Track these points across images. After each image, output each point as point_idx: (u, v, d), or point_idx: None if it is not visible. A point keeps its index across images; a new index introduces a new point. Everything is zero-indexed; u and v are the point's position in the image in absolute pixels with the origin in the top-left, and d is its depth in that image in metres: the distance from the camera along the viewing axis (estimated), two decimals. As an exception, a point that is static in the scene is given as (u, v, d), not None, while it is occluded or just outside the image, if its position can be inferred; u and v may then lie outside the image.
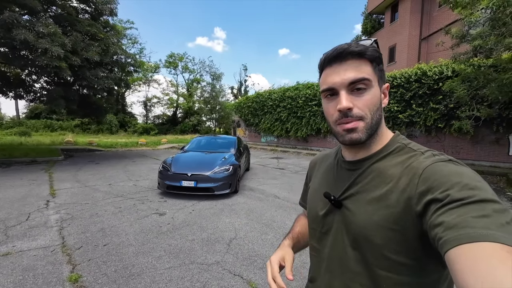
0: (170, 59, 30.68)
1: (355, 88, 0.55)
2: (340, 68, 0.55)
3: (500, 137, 8.18)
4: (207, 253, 2.79)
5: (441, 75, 8.77)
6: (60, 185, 5.73)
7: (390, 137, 0.61)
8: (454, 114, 8.50)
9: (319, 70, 0.62)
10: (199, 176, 4.83)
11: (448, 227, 0.39)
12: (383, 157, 0.58)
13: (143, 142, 15.99)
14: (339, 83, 0.55)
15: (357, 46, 0.55)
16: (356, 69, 0.54)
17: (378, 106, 0.56)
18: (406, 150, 0.57)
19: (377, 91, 0.57)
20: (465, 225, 0.38)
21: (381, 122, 0.59)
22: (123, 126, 28.01)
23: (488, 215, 0.38)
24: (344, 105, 0.54)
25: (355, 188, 0.59)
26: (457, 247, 0.37)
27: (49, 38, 6.60)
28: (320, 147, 14.07)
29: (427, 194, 0.46)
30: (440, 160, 0.50)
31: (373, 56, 0.56)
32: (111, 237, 3.11)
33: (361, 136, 0.55)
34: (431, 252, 0.47)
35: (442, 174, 0.46)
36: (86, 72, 8.02)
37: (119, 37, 9.34)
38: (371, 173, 0.57)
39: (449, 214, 0.40)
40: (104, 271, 2.38)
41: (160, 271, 2.40)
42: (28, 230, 3.27)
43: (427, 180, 0.47)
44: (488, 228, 0.37)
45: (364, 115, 0.55)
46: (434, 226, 0.42)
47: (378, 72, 0.57)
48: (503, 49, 5.08)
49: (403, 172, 0.53)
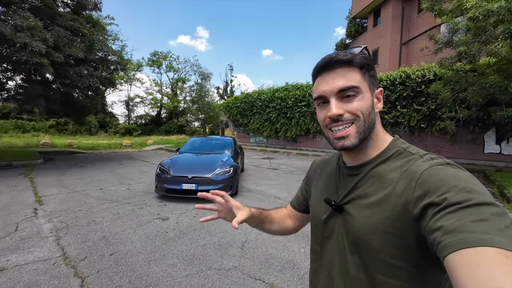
0: (153, 57, 29.71)
1: (345, 96, 0.56)
2: (329, 77, 0.57)
3: (476, 137, 8.84)
4: (222, 258, 2.72)
5: (423, 78, 9.28)
6: (45, 191, 5.32)
7: (389, 141, 0.62)
8: (435, 115, 9.05)
9: (312, 79, 0.63)
10: (200, 178, 4.71)
11: (447, 232, 0.39)
12: (383, 161, 0.58)
13: (128, 144, 15.33)
14: (328, 91, 0.56)
15: (345, 54, 0.56)
16: (344, 77, 0.55)
17: (370, 111, 0.57)
18: (405, 154, 0.57)
19: (368, 97, 0.57)
20: (464, 229, 0.38)
21: (375, 127, 0.59)
22: (103, 126, 26.71)
23: (486, 219, 0.38)
24: (334, 112, 0.55)
25: (355, 192, 0.59)
26: (456, 252, 0.37)
27: (28, 32, 6.09)
28: (309, 147, 14.33)
29: (424, 198, 0.46)
30: (437, 164, 0.50)
31: (361, 63, 0.56)
32: (116, 246, 2.94)
33: (353, 141, 0.56)
34: (430, 257, 0.47)
35: (439, 177, 0.46)
36: (69, 70, 7.50)
37: (104, 34, 8.85)
38: (371, 178, 0.58)
39: (447, 219, 0.40)
40: (117, 283, 2.24)
41: (178, 280, 2.31)
42: (20, 242, 3.00)
43: (424, 184, 0.47)
44: (487, 233, 0.37)
45: (356, 118, 0.55)
46: (433, 230, 0.41)
47: (368, 78, 0.58)
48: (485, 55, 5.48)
49: (401, 176, 0.53)
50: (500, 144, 8.52)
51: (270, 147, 16.10)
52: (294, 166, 9.54)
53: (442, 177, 0.46)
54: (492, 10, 4.45)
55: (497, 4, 4.40)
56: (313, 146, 14.15)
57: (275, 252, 2.86)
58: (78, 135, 23.17)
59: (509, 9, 4.37)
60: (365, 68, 0.57)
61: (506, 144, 8.41)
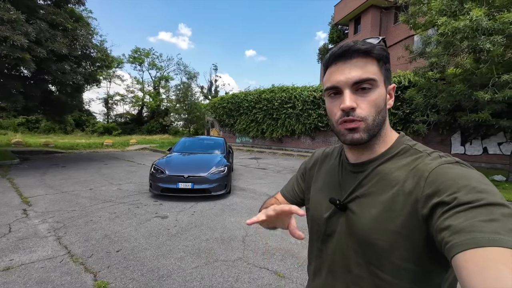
0: (135, 54, 28.72)
1: (360, 88, 0.53)
2: (345, 67, 0.54)
3: (444, 138, 9.77)
4: (226, 251, 2.91)
5: (399, 85, 10.06)
6: (30, 192, 5.11)
7: (395, 138, 0.60)
8: (409, 119, 9.86)
9: (324, 67, 0.59)
10: (196, 177, 4.82)
11: (455, 231, 0.39)
12: (388, 159, 0.57)
13: (109, 143, 14.77)
14: (343, 82, 0.53)
15: (364, 44, 0.54)
16: (362, 68, 0.53)
17: (382, 107, 0.55)
18: (411, 152, 0.56)
19: (383, 92, 0.55)
20: (473, 229, 0.37)
21: (384, 124, 0.57)
22: (80, 125, 25.35)
23: (496, 219, 0.38)
24: (348, 104, 0.52)
25: (360, 190, 0.58)
26: (465, 252, 0.36)
27: (9, 25, 5.78)
28: (294, 147, 14.80)
29: (433, 197, 0.45)
30: (446, 162, 0.49)
31: (380, 54, 0.54)
32: (120, 243, 3.00)
33: (362, 136, 0.54)
34: (436, 256, 0.47)
35: (449, 176, 0.46)
36: (51, 66, 7.18)
37: (88, 29, 8.53)
38: (376, 176, 0.56)
39: (456, 218, 0.40)
40: (130, 276, 2.34)
41: (189, 271, 2.46)
42: (19, 242, 2.95)
43: (434, 183, 0.46)
44: (497, 233, 0.36)
45: (367, 116, 0.53)
46: (441, 229, 0.41)
47: (384, 72, 0.56)
48: (453, 66, 6.17)
49: (408, 174, 0.51)
50: (464, 146, 9.50)
51: (256, 147, 16.37)
52: (281, 165, 9.87)
53: (452, 176, 0.45)
54: (459, 28, 5.07)
55: (463, 23, 5.02)
56: (298, 146, 14.64)
57: (275, 244, 3.10)
58: (52, 133, 21.79)
59: (472, 28, 5.01)
60: (383, 60, 0.55)
61: (469, 146, 9.41)
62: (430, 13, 6.47)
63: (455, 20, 5.20)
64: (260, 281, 2.34)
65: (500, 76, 5.33)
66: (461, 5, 5.61)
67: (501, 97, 5.26)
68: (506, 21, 4.90)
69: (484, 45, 4.95)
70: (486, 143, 9.11)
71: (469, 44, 5.23)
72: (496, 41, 4.89)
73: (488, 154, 9.04)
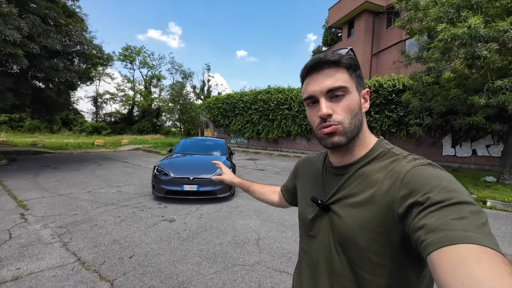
0: (125, 52, 27.95)
1: (334, 95, 0.57)
2: (318, 77, 0.58)
3: (436, 140, 10.12)
4: (242, 254, 2.87)
5: (394, 88, 10.33)
6: (24, 195, 4.86)
7: (374, 142, 0.63)
8: (403, 121, 10.14)
9: (301, 80, 0.64)
10: (201, 179, 4.74)
11: (430, 230, 0.40)
12: (369, 162, 0.59)
13: (101, 143, 14.31)
14: (318, 92, 0.58)
15: (333, 55, 0.58)
16: (333, 78, 0.57)
17: (357, 111, 0.58)
18: (389, 155, 0.59)
19: (356, 97, 0.59)
20: (445, 227, 0.39)
21: (362, 127, 0.60)
22: (67, 124, 24.40)
23: (465, 217, 0.40)
24: (324, 111, 0.56)
25: (342, 192, 0.60)
26: (439, 250, 0.38)
27: (1, 19, 5.47)
28: (290, 148, 14.88)
29: (408, 197, 0.47)
30: (420, 164, 0.52)
31: (348, 63, 0.58)
32: (131, 248, 2.90)
33: (340, 139, 0.57)
34: (411, 254, 0.49)
35: (423, 177, 0.48)
36: (44, 63, 6.86)
37: (82, 26, 8.22)
38: (357, 178, 0.59)
39: (430, 217, 0.42)
40: (149, 283, 2.27)
41: (209, 277, 2.41)
42: (23, 249, 2.79)
43: (409, 184, 0.49)
44: (466, 230, 0.38)
45: (342, 119, 0.57)
46: (417, 229, 0.43)
47: (355, 79, 0.59)
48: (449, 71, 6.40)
49: (386, 176, 0.54)
50: (455, 148, 9.88)
51: (251, 148, 16.33)
52: (279, 167, 9.89)
53: (425, 177, 0.48)
54: (458, 34, 5.26)
55: (461, 30, 5.21)
56: (293, 147, 14.72)
57: (289, 247, 3.09)
58: (37, 132, 20.87)
59: (470, 35, 5.21)
60: (352, 68, 0.59)
61: (459, 148, 9.79)
62: (426, 20, 6.69)
63: (453, 27, 5.38)
64: (283, 285, 2.32)
65: (494, 82, 5.57)
66: (458, 13, 5.83)
67: (495, 102, 5.49)
68: (501, 29, 5.13)
69: (481, 52, 5.16)
70: (475, 145, 9.50)
71: (467, 50, 5.43)
72: (492, 48, 5.11)
73: (477, 156, 9.43)
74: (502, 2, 5.39)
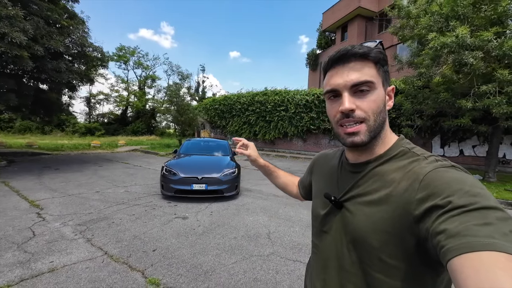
0: (119, 52, 27.70)
1: (359, 90, 0.54)
2: (343, 70, 0.55)
3: (426, 142, 10.63)
4: (256, 247, 3.11)
5: (386, 91, 10.80)
6: (34, 195, 4.94)
7: (394, 140, 0.61)
8: (395, 123, 10.61)
9: (323, 72, 0.62)
10: (210, 179, 4.95)
11: (450, 235, 0.39)
12: (386, 161, 0.57)
13: (97, 144, 14.23)
14: (342, 85, 0.55)
15: (361, 47, 0.55)
16: (359, 71, 0.54)
17: (381, 109, 0.56)
18: (409, 155, 0.56)
19: (381, 93, 0.56)
20: (467, 233, 0.37)
21: (384, 125, 0.58)
22: (59, 125, 23.95)
23: (490, 223, 0.38)
24: (347, 106, 0.54)
25: (356, 190, 0.59)
26: (460, 256, 0.36)
27: (7, 21, 5.52)
28: (286, 149, 15.21)
29: (427, 200, 0.45)
30: (442, 166, 0.49)
31: (377, 57, 0.55)
32: (153, 243, 3.09)
33: (363, 139, 0.55)
34: (427, 258, 0.47)
35: (444, 180, 0.46)
36: (47, 64, 6.90)
37: (84, 27, 8.27)
38: (373, 177, 0.57)
39: (451, 222, 0.40)
40: (177, 272, 2.48)
41: (230, 266, 2.64)
42: (50, 245, 2.94)
43: (428, 186, 0.47)
44: (492, 237, 0.36)
45: (367, 117, 0.54)
46: (436, 233, 0.41)
47: (382, 74, 0.57)
48: (438, 76, 6.86)
49: (403, 176, 0.52)
50: (443, 148, 10.43)
51: (248, 149, 16.54)
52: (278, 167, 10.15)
53: (447, 180, 0.46)
54: (447, 43, 5.68)
55: (450, 39, 5.65)
56: (290, 148, 15.06)
57: (299, 240, 3.35)
58: (28, 133, 20.43)
59: (458, 44, 5.65)
60: (380, 63, 0.56)
61: (448, 148, 10.34)
62: (418, 28, 7.13)
63: (443, 36, 5.81)
64: (298, 272, 2.57)
65: (480, 87, 6.03)
66: (447, 22, 6.28)
67: (481, 105, 5.95)
68: (485, 39, 5.59)
69: (468, 59, 5.60)
70: (462, 146, 10.07)
71: (455, 58, 5.87)
72: (478, 56, 5.55)
73: (464, 155, 10.00)
74: (486, 13, 5.86)
